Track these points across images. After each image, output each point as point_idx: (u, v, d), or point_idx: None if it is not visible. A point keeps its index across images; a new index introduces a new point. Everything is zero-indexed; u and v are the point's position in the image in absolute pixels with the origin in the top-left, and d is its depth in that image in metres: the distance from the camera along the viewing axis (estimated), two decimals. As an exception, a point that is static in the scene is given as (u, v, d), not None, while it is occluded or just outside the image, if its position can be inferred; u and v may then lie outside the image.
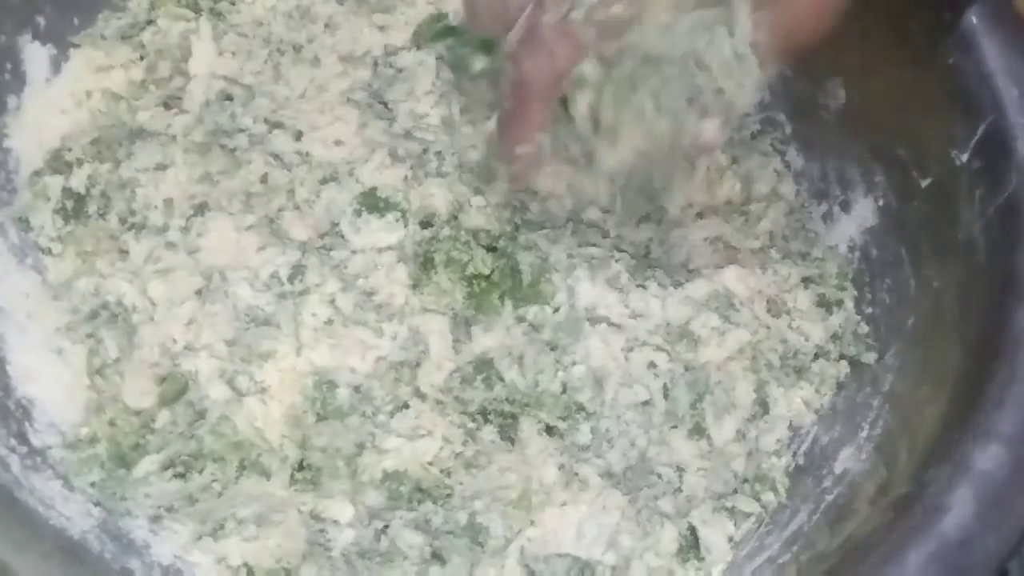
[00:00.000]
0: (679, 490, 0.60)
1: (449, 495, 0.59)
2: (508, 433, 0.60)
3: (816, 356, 0.64)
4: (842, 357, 0.63)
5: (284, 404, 0.59)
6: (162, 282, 0.61)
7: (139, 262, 0.62)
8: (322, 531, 0.58)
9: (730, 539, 0.59)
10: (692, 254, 0.66)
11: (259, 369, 0.60)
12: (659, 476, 0.60)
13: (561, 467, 0.60)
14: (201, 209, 0.63)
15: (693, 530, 0.58)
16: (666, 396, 0.61)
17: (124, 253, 0.62)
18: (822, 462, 0.60)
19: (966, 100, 0.59)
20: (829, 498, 0.58)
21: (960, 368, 0.54)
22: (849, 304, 0.65)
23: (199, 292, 0.61)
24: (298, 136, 0.65)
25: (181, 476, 0.58)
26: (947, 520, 0.47)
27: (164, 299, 0.61)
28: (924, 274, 0.61)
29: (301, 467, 0.59)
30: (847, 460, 0.59)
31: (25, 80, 0.65)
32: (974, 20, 0.59)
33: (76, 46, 0.66)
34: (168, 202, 0.63)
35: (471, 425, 0.60)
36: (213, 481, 0.58)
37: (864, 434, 0.59)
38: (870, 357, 0.62)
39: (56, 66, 0.66)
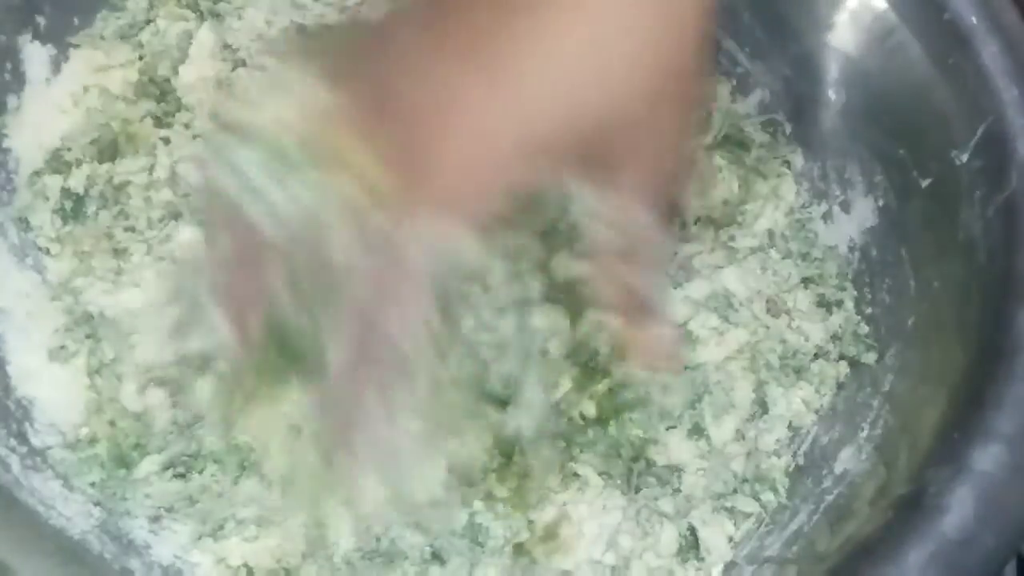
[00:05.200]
0: (678, 490, 0.60)
1: (449, 495, 0.59)
2: (508, 433, 0.60)
3: (816, 356, 0.63)
4: (842, 357, 0.63)
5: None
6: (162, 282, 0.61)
7: (137, 263, 0.62)
8: (322, 536, 0.58)
9: (730, 539, 0.59)
10: (691, 254, 0.66)
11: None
12: (658, 476, 0.60)
13: (561, 467, 0.60)
14: (199, 210, 0.63)
15: (693, 530, 0.58)
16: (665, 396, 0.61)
17: (121, 253, 0.62)
18: (822, 462, 0.60)
19: (966, 100, 0.59)
20: (829, 498, 0.58)
21: (960, 368, 0.54)
22: (849, 304, 0.65)
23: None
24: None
25: (181, 476, 0.58)
26: (947, 520, 0.47)
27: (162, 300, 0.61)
28: (924, 274, 0.61)
29: None
30: (847, 460, 0.59)
31: (25, 80, 0.65)
32: (974, 20, 0.60)
33: (76, 46, 0.66)
34: (166, 204, 0.63)
35: (471, 426, 0.60)
36: (213, 482, 0.58)
37: (864, 434, 0.59)
38: (870, 357, 0.62)
39: (56, 66, 0.66)
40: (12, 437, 0.56)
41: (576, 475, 0.60)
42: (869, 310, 0.64)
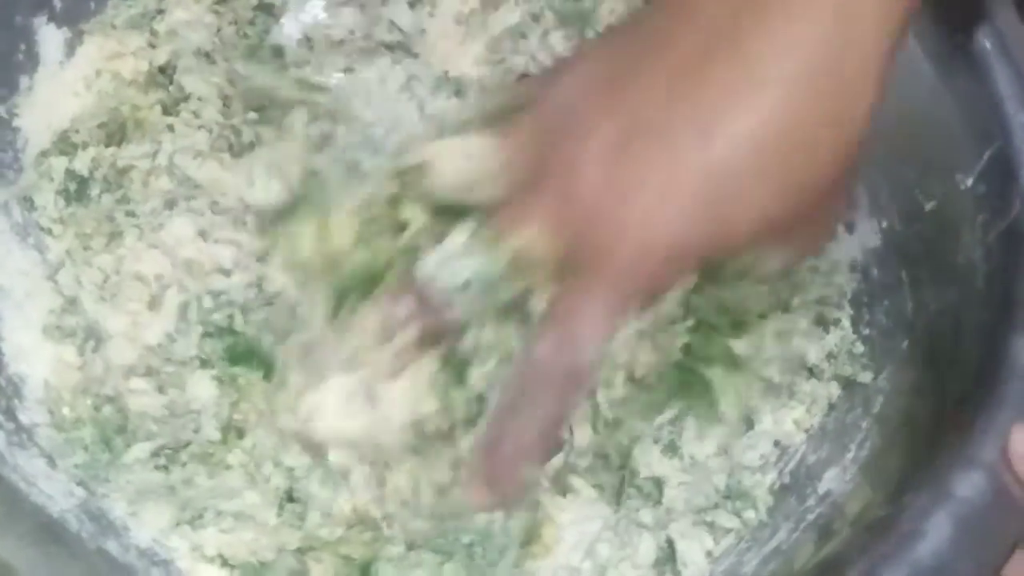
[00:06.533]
0: (659, 503, 0.59)
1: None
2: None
3: (810, 375, 0.63)
4: (835, 377, 0.63)
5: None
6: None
7: (130, 246, 0.62)
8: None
9: (708, 554, 0.58)
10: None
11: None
12: (639, 488, 0.59)
13: (555, 475, 0.60)
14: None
15: (671, 543, 0.58)
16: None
17: (119, 236, 0.62)
18: (807, 481, 0.59)
19: (975, 125, 0.58)
20: (810, 517, 0.57)
21: (951, 393, 0.54)
22: (846, 323, 0.64)
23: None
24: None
25: (164, 468, 0.58)
26: (922, 546, 0.46)
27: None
28: (922, 297, 0.60)
29: (291, 498, 0.59)
30: (831, 480, 0.58)
31: (39, 62, 0.65)
32: (987, 45, 0.59)
33: (89, 33, 0.67)
34: (164, 192, 0.64)
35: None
36: (195, 476, 0.58)
37: (851, 455, 0.58)
38: (864, 378, 0.61)
39: (71, 49, 0.66)
40: (0, 413, 0.56)
41: (568, 483, 0.59)
42: (866, 331, 0.63)
